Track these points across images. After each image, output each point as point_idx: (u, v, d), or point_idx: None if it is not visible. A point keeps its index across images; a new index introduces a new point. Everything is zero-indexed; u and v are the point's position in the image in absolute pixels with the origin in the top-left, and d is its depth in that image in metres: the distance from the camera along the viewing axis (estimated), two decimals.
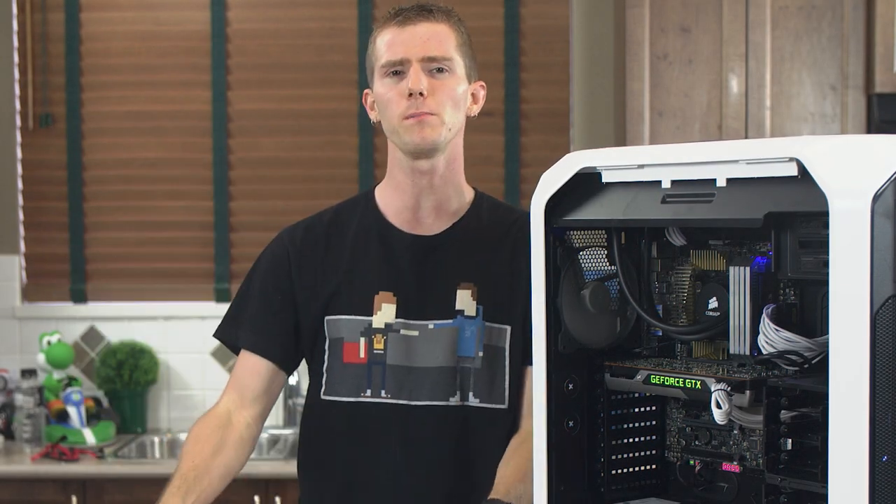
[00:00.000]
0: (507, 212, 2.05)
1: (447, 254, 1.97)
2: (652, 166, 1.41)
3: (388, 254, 1.97)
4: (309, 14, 4.07)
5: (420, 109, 1.87)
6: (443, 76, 1.90)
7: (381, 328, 1.94)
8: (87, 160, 4.11)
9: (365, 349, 1.94)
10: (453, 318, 1.94)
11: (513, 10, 4.02)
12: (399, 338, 1.93)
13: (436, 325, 1.94)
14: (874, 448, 1.15)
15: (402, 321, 1.94)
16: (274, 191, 4.07)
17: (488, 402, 1.94)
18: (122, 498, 3.48)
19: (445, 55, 1.90)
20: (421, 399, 1.92)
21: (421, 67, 1.88)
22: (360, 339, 1.94)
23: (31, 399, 3.78)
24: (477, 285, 1.95)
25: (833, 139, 1.24)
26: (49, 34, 4.08)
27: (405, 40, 1.89)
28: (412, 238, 1.98)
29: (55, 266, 4.12)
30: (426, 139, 1.89)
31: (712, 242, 1.50)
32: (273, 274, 2.02)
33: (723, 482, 1.52)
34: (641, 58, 3.48)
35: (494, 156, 4.04)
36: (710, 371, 1.43)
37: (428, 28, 1.90)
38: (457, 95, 1.91)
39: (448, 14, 1.94)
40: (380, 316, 1.94)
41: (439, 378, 1.92)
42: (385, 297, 1.95)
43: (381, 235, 1.98)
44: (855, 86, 3.41)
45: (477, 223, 2.00)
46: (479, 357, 1.93)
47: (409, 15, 1.90)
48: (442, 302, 1.94)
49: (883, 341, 1.15)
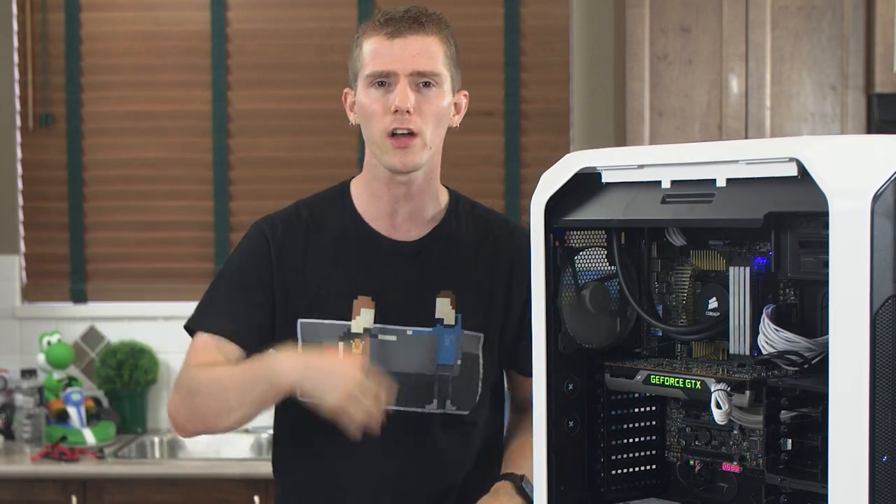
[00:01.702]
0: (483, 214, 2.04)
1: (427, 261, 1.96)
2: (652, 166, 1.41)
3: (367, 258, 1.95)
4: (309, 14, 4.07)
5: (404, 125, 1.85)
6: (429, 91, 1.87)
7: (359, 333, 1.93)
8: (87, 160, 4.11)
9: (343, 354, 1.91)
10: (432, 326, 1.94)
11: (513, 10, 4.02)
12: (377, 343, 1.93)
13: (414, 331, 1.93)
14: (874, 448, 1.15)
15: (381, 326, 1.93)
16: (274, 191, 4.06)
17: (464, 408, 1.96)
18: (122, 498, 3.48)
19: (434, 70, 1.87)
20: (398, 404, 1.89)
21: (408, 82, 1.85)
22: (339, 343, 1.92)
23: (31, 399, 3.78)
24: (456, 293, 1.95)
25: (833, 139, 1.24)
26: (49, 34, 4.08)
27: (394, 53, 1.85)
28: (392, 243, 1.96)
29: (55, 266, 4.12)
30: (407, 164, 1.87)
31: (712, 242, 1.50)
32: (251, 267, 1.96)
33: (723, 482, 1.52)
34: (641, 58, 3.48)
35: (494, 156, 4.04)
36: (710, 371, 1.43)
37: (418, 42, 1.86)
38: (441, 111, 1.89)
39: (439, 24, 1.89)
40: (358, 321, 1.93)
41: (417, 385, 1.93)
42: (364, 301, 1.93)
43: (360, 239, 1.96)
44: (855, 86, 3.41)
45: (456, 228, 1.99)
46: (457, 365, 1.94)
47: (400, 27, 1.86)
48: (421, 309, 1.94)
49: (883, 341, 1.15)
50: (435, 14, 1.91)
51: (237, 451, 3.90)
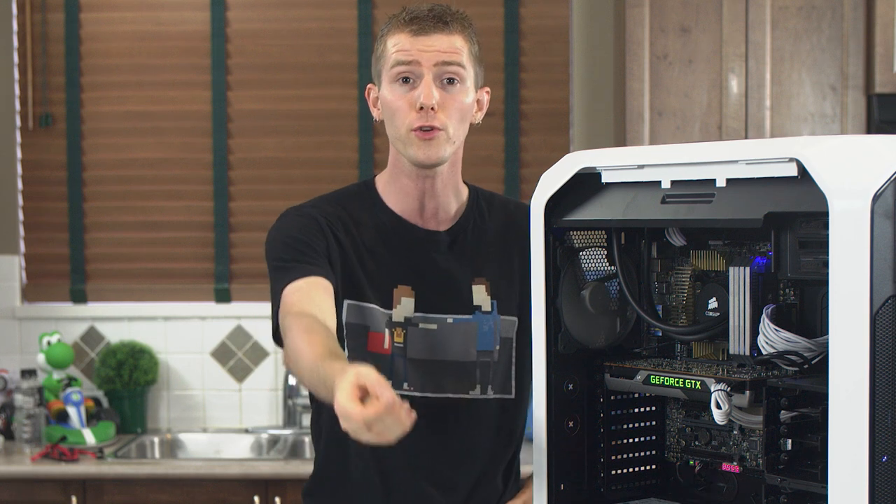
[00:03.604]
0: (502, 202, 2.08)
1: (460, 250, 1.99)
2: (652, 166, 1.41)
3: (404, 249, 1.98)
4: (309, 14, 4.07)
5: (429, 122, 1.88)
6: (454, 87, 1.90)
7: (400, 322, 1.95)
8: (87, 160, 4.11)
9: (389, 341, 1.94)
10: (471, 313, 1.96)
11: (513, 10, 4.02)
12: (419, 331, 1.95)
13: (455, 319, 1.96)
14: (874, 448, 1.15)
15: (421, 315, 1.95)
16: (274, 191, 4.07)
17: (502, 392, 1.98)
18: (122, 498, 3.48)
19: (459, 68, 1.90)
20: (443, 391, 1.94)
21: (433, 78, 1.88)
22: (385, 330, 1.94)
23: (31, 399, 3.78)
24: (489, 280, 1.98)
25: (833, 139, 1.24)
26: (49, 34, 4.08)
27: (419, 50, 1.88)
28: (427, 234, 1.99)
29: (55, 266, 4.12)
30: (431, 157, 1.90)
31: (712, 243, 1.50)
32: (309, 232, 1.91)
33: (723, 482, 1.52)
34: (641, 58, 3.48)
35: (494, 156, 4.04)
36: (710, 371, 1.43)
37: (443, 41, 1.89)
38: (465, 108, 1.92)
39: (462, 23, 1.93)
40: (399, 310, 1.95)
41: (460, 372, 1.95)
42: (403, 290, 1.96)
43: (396, 231, 1.99)
44: (855, 86, 3.41)
45: (479, 218, 2.02)
46: (496, 351, 1.97)
47: (425, 25, 1.89)
48: (459, 297, 1.97)
49: (883, 341, 1.15)
50: (458, 12, 1.94)
51: (237, 451, 3.90)
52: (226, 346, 4.03)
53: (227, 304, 4.05)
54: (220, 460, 3.72)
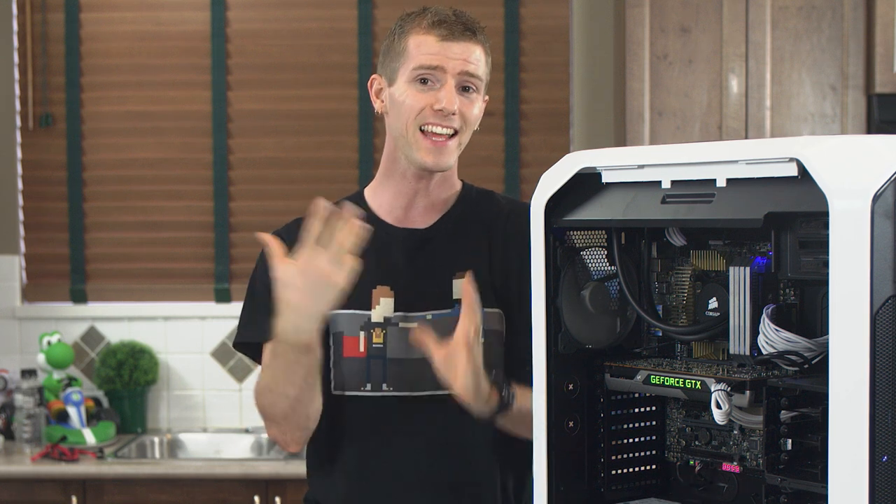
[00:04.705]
0: (496, 197, 2.08)
1: (440, 245, 1.99)
2: (652, 166, 1.41)
3: (381, 249, 1.97)
4: (309, 14, 4.07)
5: (449, 125, 1.91)
6: (469, 96, 1.94)
7: (380, 322, 1.95)
8: (87, 160, 4.11)
9: (364, 343, 1.95)
10: (451, 307, 1.95)
11: (513, 10, 4.02)
12: (398, 331, 1.95)
13: (434, 315, 1.95)
14: (874, 448, 1.15)
15: (402, 314, 1.95)
16: (274, 191, 4.07)
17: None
18: (122, 498, 3.48)
19: (476, 79, 1.94)
20: (423, 389, 1.93)
21: (453, 84, 1.91)
22: (360, 332, 1.95)
23: (31, 399, 3.78)
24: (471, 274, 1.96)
25: (833, 139, 1.24)
26: (49, 34, 4.08)
27: (446, 57, 1.91)
28: (404, 232, 2.00)
29: (55, 266, 4.12)
30: (440, 164, 1.93)
31: (712, 243, 1.50)
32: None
33: (723, 482, 1.52)
34: (641, 58, 3.48)
35: (494, 156, 4.04)
36: (710, 371, 1.43)
37: (468, 50, 1.93)
38: (476, 116, 1.97)
39: (484, 35, 1.97)
40: (378, 310, 1.95)
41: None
42: (382, 291, 1.96)
43: (373, 231, 1.98)
44: (855, 86, 3.41)
45: (466, 212, 2.03)
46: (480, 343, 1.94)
47: (454, 31, 1.92)
48: (439, 293, 1.96)
49: (883, 341, 1.15)
50: (480, 24, 1.98)
51: (237, 451, 3.90)
52: (226, 346, 4.03)
53: (227, 304, 4.05)
54: (221, 460, 3.72)
